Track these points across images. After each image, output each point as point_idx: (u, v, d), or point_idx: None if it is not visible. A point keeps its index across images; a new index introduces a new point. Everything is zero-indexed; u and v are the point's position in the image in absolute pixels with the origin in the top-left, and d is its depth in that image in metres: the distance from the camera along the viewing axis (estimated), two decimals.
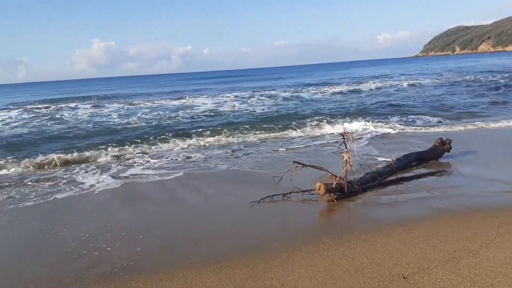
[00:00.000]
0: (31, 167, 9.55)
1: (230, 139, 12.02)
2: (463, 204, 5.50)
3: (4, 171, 9.36)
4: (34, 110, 25.82)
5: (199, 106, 22.91)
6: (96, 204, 6.57)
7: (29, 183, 8.19)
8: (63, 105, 28.63)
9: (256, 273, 3.90)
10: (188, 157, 9.79)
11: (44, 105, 28.99)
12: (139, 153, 10.70)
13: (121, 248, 4.72)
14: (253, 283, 3.74)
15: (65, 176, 8.56)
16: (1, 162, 10.04)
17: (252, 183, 7.25)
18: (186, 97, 30.19)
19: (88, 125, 17.09)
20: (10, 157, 10.56)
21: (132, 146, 11.42)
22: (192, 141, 11.99)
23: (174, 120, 17.28)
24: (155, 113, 20.26)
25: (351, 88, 29.94)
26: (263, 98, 25.43)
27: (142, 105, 25.26)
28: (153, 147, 11.35)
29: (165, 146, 11.44)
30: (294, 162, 6.38)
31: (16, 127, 18.00)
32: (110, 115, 20.58)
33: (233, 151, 10.31)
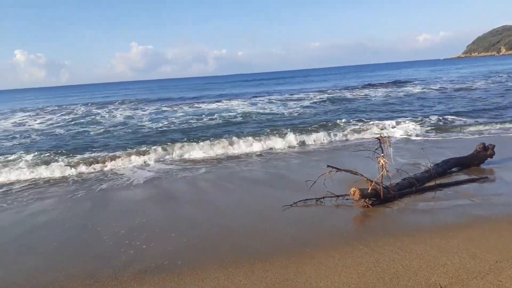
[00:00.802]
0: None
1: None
2: (507, 213, 5.24)
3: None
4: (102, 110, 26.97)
5: (235, 109, 23.11)
6: (133, 203, 6.79)
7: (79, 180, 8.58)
8: (112, 107, 29.74)
9: (288, 277, 3.89)
10: (226, 158, 9.92)
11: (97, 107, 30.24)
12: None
13: (155, 247, 4.85)
14: (285, 287, 3.73)
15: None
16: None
17: (284, 187, 7.24)
18: (222, 100, 30.54)
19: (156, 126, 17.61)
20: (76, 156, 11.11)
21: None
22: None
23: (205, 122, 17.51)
24: (190, 116, 20.67)
25: (399, 90, 29.29)
26: (301, 101, 25.32)
27: (186, 108, 25.81)
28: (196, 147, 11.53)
29: (196, 154, 11.57)
30: (328, 166, 6.31)
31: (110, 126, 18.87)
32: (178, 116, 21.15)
33: (261, 154, 10.34)
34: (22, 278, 4.25)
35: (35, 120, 23.30)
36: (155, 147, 11.44)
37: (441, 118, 14.51)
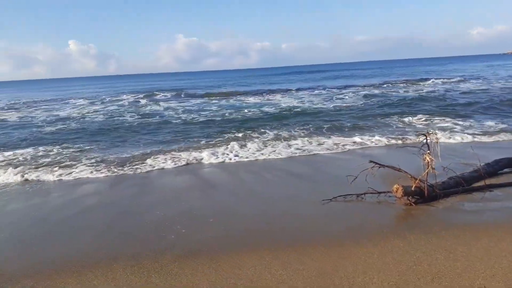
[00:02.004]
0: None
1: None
2: None
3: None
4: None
5: (280, 103, 23.09)
6: (177, 190, 7.01)
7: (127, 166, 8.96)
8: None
9: (325, 271, 3.87)
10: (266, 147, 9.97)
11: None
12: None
13: (195, 232, 4.99)
14: (322, 280, 3.72)
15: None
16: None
17: (324, 181, 7.18)
18: (264, 94, 30.57)
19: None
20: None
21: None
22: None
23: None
24: (231, 109, 20.87)
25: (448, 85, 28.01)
26: (348, 94, 24.84)
27: (231, 101, 26.16)
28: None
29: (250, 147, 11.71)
30: (371, 161, 6.17)
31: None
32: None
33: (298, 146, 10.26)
34: (73, 257, 4.52)
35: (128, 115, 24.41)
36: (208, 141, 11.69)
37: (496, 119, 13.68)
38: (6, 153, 11.39)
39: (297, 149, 10.08)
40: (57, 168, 9.17)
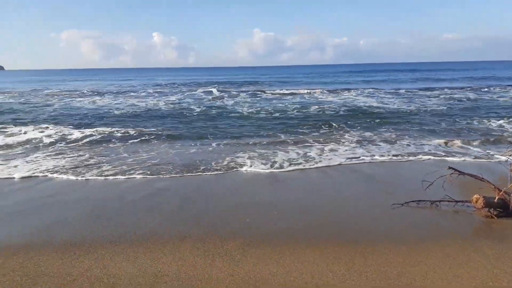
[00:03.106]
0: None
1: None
2: None
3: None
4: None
5: (359, 103, 22.50)
6: (244, 182, 7.17)
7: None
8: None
9: (389, 276, 3.72)
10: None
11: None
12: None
13: (259, 223, 5.08)
14: (386, 284, 3.58)
15: None
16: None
17: (397, 185, 6.87)
18: (340, 91, 29.94)
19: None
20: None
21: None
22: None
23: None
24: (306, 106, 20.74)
25: None
26: (432, 96, 23.45)
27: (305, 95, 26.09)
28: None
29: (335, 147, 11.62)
30: (450, 168, 5.78)
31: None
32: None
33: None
34: (145, 234, 4.84)
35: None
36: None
37: None
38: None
39: (368, 152, 9.74)
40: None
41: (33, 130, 13.42)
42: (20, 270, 3.94)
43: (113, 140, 11.66)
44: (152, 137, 12.05)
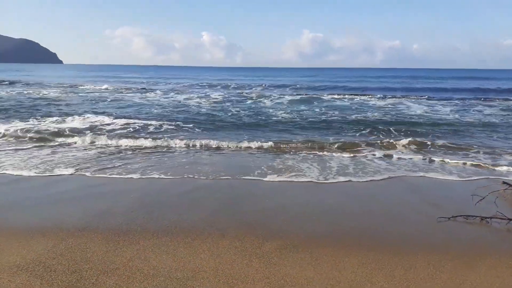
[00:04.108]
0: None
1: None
2: None
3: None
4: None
5: (411, 111, 21.79)
6: (285, 187, 7.14)
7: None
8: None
9: None
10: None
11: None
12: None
13: (296, 226, 5.04)
14: None
15: None
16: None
17: (445, 198, 6.57)
18: (388, 98, 29.07)
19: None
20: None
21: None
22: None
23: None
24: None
25: None
26: (488, 107, 22.19)
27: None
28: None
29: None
30: (504, 183, 5.46)
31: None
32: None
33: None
34: (187, 227, 4.97)
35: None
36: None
37: None
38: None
39: (413, 165, 9.39)
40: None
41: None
42: (67, 255, 4.15)
43: (165, 136, 12.04)
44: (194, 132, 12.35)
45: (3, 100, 21.68)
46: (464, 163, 8.91)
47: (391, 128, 13.87)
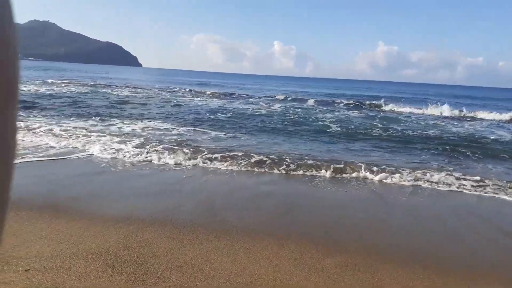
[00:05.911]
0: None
1: None
2: None
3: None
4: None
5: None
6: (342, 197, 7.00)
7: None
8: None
9: None
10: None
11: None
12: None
13: (356, 239, 4.94)
14: None
15: None
16: None
17: (504, 215, 6.06)
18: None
19: None
20: None
21: None
22: None
23: None
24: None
25: None
26: None
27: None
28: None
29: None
30: None
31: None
32: None
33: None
34: (248, 231, 5.06)
35: None
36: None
37: None
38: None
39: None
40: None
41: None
42: (136, 248, 4.40)
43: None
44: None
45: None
46: None
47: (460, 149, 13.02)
